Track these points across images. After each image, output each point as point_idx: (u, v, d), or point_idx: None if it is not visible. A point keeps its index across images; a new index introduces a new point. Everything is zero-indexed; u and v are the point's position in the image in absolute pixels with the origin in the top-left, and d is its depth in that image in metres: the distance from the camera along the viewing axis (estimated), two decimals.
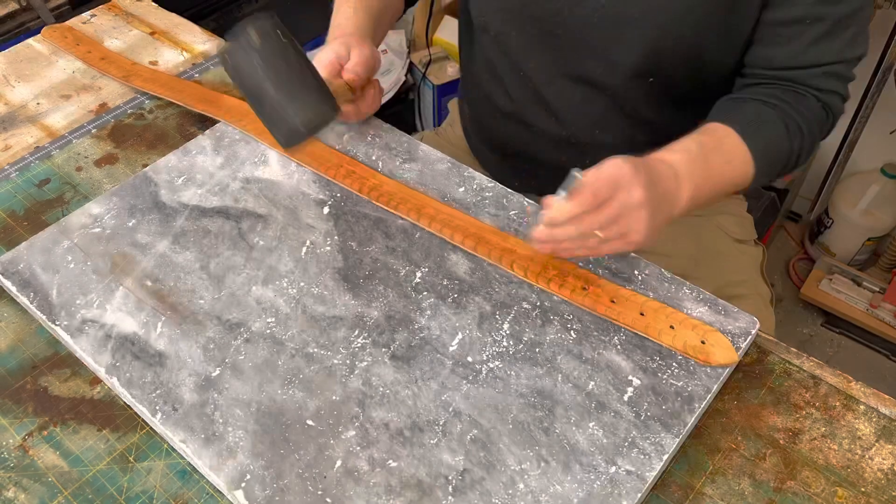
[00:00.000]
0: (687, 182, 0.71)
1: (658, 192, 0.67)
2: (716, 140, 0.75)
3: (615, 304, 0.68)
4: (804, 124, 0.78)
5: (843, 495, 0.59)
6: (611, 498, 0.57)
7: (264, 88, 0.64)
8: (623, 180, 0.64)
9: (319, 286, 0.71)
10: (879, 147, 1.78)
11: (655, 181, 0.67)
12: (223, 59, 0.64)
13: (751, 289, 0.94)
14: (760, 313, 0.91)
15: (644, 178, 0.65)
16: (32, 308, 0.70)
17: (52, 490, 0.60)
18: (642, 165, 0.66)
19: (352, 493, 0.57)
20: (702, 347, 0.65)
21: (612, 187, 0.64)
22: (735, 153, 0.75)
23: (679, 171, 0.71)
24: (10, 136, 0.91)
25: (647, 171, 0.66)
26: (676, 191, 0.70)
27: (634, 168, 0.64)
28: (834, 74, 0.78)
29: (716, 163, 0.74)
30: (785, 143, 0.77)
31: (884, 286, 1.78)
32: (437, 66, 1.96)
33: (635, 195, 0.64)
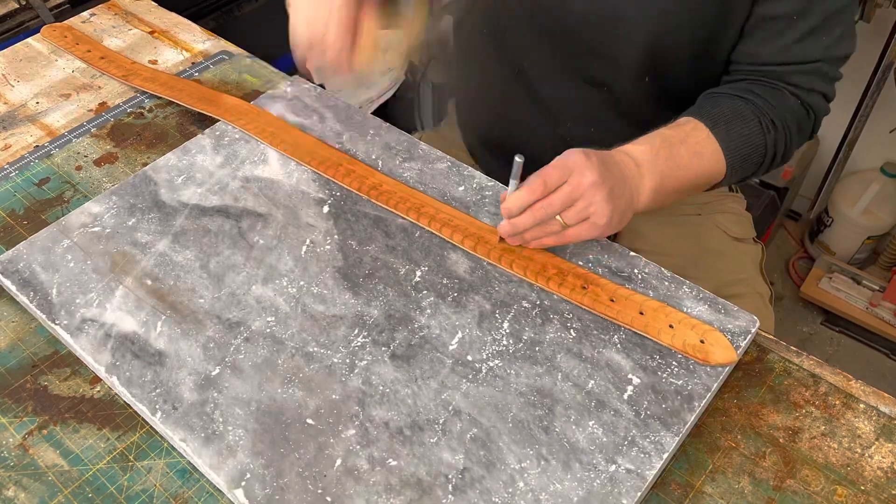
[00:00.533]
0: (649, 171, 0.72)
1: (614, 175, 0.68)
2: (682, 133, 0.75)
3: (614, 303, 0.68)
4: (778, 120, 0.78)
5: (842, 494, 0.59)
6: (611, 496, 0.57)
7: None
8: (574, 166, 0.66)
9: (319, 285, 0.71)
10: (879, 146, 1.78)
11: (610, 165, 0.68)
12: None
13: (749, 287, 0.94)
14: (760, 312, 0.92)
15: (596, 162, 0.67)
16: (32, 307, 0.70)
17: (52, 489, 0.60)
18: (595, 153, 0.68)
19: (352, 492, 0.57)
20: (701, 346, 0.65)
21: (562, 172, 0.66)
22: (704, 146, 0.75)
23: (639, 160, 0.72)
24: (9, 136, 0.91)
25: (599, 157, 0.68)
26: (638, 179, 0.72)
27: (585, 154, 0.67)
28: (818, 72, 0.78)
29: (682, 155, 0.74)
30: (758, 138, 0.77)
31: (883, 285, 1.79)
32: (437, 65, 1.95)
33: (588, 177, 0.66)
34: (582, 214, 0.67)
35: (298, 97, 0.91)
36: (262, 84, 0.97)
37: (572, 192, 0.66)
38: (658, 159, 0.73)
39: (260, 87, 0.97)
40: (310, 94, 0.92)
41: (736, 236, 0.99)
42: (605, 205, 0.67)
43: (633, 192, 0.71)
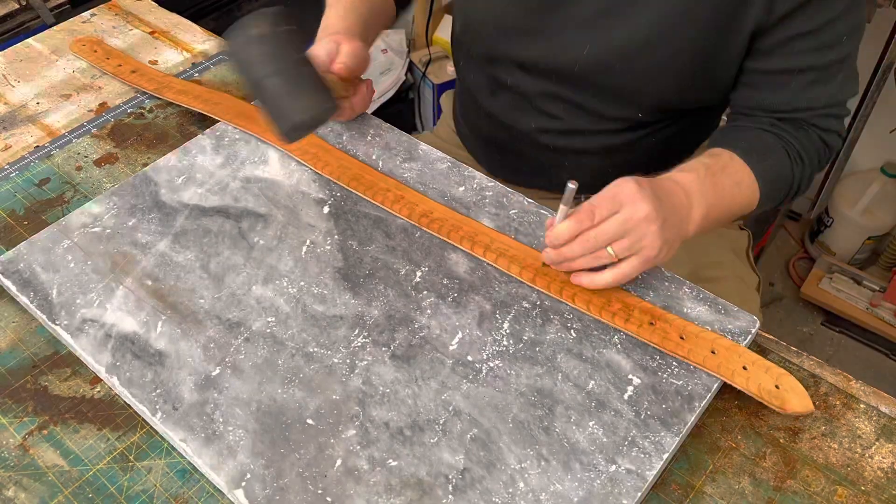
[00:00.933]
0: (698, 200, 0.71)
1: (666, 206, 0.67)
2: (722, 163, 0.75)
3: (684, 342, 0.65)
4: (804, 153, 0.79)
5: (842, 494, 0.59)
6: (611, 497, 0.57)
7: (264, 82, 0.64)
8: (626, 197, 0.64)
9: (319, 285, 0.71)
10: (879, 146, 1.78)
11: (662, 197, 0.67)
12: (227, 51, 0.65)
13: (728, 271, 0.94)
14: (742, 296, 0.92)
15: (649, 194, 0.65)
16: (32, 307, 0.70)
17: (52, 489, 0.60)
18: (646, 182, 0.66)
19: (352, 493, 0.57)
20: (777, 392, 0.62)
21: (613, 203, 0.64)
22: (742, 176, 0.76)
23: (689, 189, 0.71)
24: (10, 136, 0.91)
25: (652, 187, 0.66)
26: (688, 208, 0.70)
27: (638, 185, 0.65)
28: (829, 115, 0.80)
29: (725, 184, 0.74)
30: (787, 170, 0.78)
31: (884, 285, 1.78)
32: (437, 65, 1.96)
33: (641, 209, 0.64)
34: (634, 248, 0.65)
35: None
36: None
37: (624, 223, 0.64)
38: (705, 187, 0.72)
39: None
40: None
41: None
42: (657, 238, 0.65)
43: (684, 223, 0.70)
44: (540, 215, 0.76)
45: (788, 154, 0.78)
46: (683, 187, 0.71)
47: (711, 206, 0.72)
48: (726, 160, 0.76)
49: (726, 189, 0.74)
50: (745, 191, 0.76)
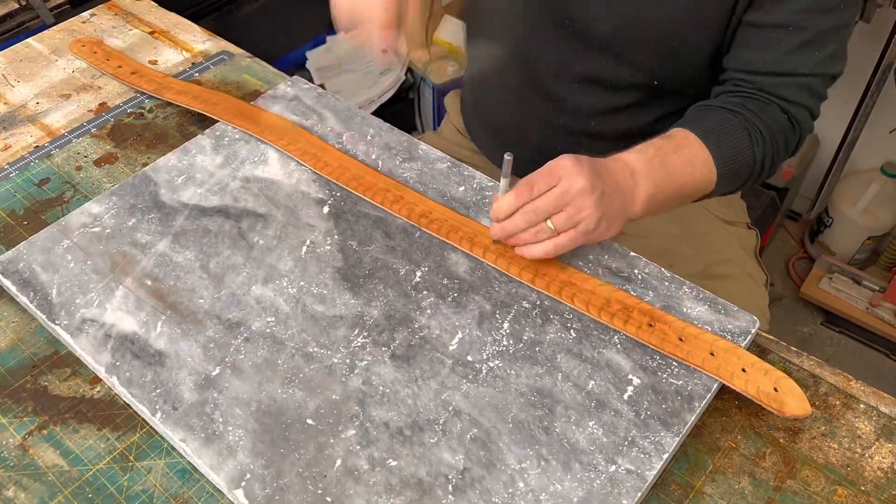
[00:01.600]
0: (644, 179, 0.72)
1: (606, 182, 0.68)
2: (675, 143, 0.76)
3: (683, 343, 0.65)
4: (766, 132, 0.78)
5: (842, 494, 0.59)
6: (611, 497, 0.57)
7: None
8: (563, 171, 0.67)
9: (319, 285, 0.71)
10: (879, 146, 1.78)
11: (601, 172, 0.69)
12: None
13: (739, 268, 0.94)
14: (751, 293, 0.92)
15: (587, 168, 0.67)
16: (32, 307, 0.70)
17: (52, 489, 0.60)
18: (587, 159, 0.68)
19: (352, 493, 0.57)
20: (775, 395, 0.62)
21: (550, 177, 0.67)
22: (696, 156, 0.75)
23: (635, 168, 0.72)
24: (9, 136, 0.91)
25: (591, 163, 0.68)
26: (633, 187, 0.72)
27: (576, 160, 0.67)
28: (806, 87, 0.79)
29: (676, 163, 0.74)
30: (747, 150, 0.78)
31: (884, 285, 1.79)
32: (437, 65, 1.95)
33: (577, 183, 0.66)
34: (572, 220, 0.67)
35: (298, 97, 0.91)
36: (262, 84, 0.97)
37: (561, 196, 0.66)
38: (653, 166, 0.73)
39: (260, 87, 0.97)
40: (310, 95, 0.92)
41: (725, 219, 0.99)
42: (595, 210, 0.67)
43: (627, 200, 0.71)
44: None
45: (749, 133, 0.77)
46: (629, 166, 0.72)
47: (659, 186, 0.73)
48: (681, 140, 0.76)
49: (677, 169, 0.74)
50: (699, 170, 0.76)
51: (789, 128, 0.80)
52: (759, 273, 0.97)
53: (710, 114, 0.79)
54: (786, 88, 0.79)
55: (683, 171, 0.75)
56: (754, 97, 0.79)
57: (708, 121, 0.78)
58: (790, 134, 0.81)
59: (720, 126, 0.77)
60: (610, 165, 0.71)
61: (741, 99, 0.79)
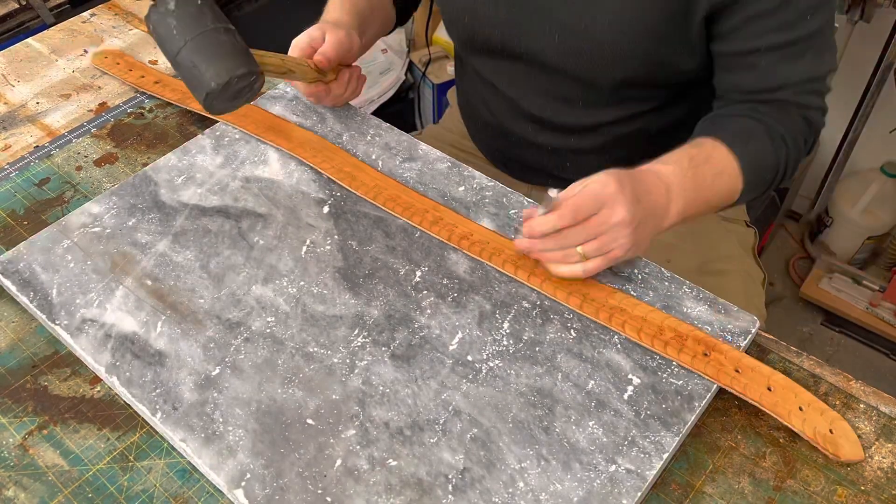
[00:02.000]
0: (677, 195, 0.71)
1: (644, 207, 0.67)
2: (705, 153, 0.75)
3: (740, 375, 0.63)
4: (788, 136, 0.78)
5: (842, 494, 0.59)
6: (611, 497, 0.57)
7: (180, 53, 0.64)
8: (607, 198, 0.64)
9: (319, 285, 0.71)
10: (879, 146, 1.78)
11: (641, 196, 0.67)
12: (148, 26, 0.65)
13: (737, 265, 0.94)
14: (748, 291, 0.92)
15: (629, 196, 0.65)
16: (32, 307, 0.70)
17: (52, 489, 0.60)
18: (629, 181, 0.66)
19: (352, 492, 0.57)
20: (830, 437, 0.61)
21: (594, 204, 0.65)
22: (724, 165, 0.75)
23: (670, 184, 0.71)
24: (9, 136, 0.91)
25: (633, 186, 0.66)
26: (666, 204, 0.71)
27: (619, 185, 0.65)
28: (809, 91, 0.79)
29: (706, 175, 0.74)
30: (771, 156, 0.77)
31: (884, 285, 1.78)
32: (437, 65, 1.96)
33: (618, 213, 0.64)
34: (603, 249, 0.66)
35: (298, 97, 0.91)
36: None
37: (599, 227, 0.65)
38: (686, 181, 0.72)
39: None
40: None
41: (725, 217, 0.99)
42: (628, 241, 0.66)
43: (659, 219, 0.71)
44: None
45: (772, 138, 0.77)
46: (665, 182, 0.71)
47: (690, 200, 0.73)
48: (709, 149, 0.76)
49: (707, 180, 0.74)
50: (727, 181, 0.76)
51: (806, 129, 0.80)
52: (757, 271, 0.97)
53: (730, 121, 0.79)
54: (792, 96, 0.79)
55: (713, 182, 0.74)
56: (772, 103, 0.79)
57: (733, 129, 0.78)
58: (807, 134, 0.81)
59: (745, 132, 0.77)
60: (648, 184, 0.69)
61: (758, 105, 0.79)
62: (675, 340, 0.65)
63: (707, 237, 0.96)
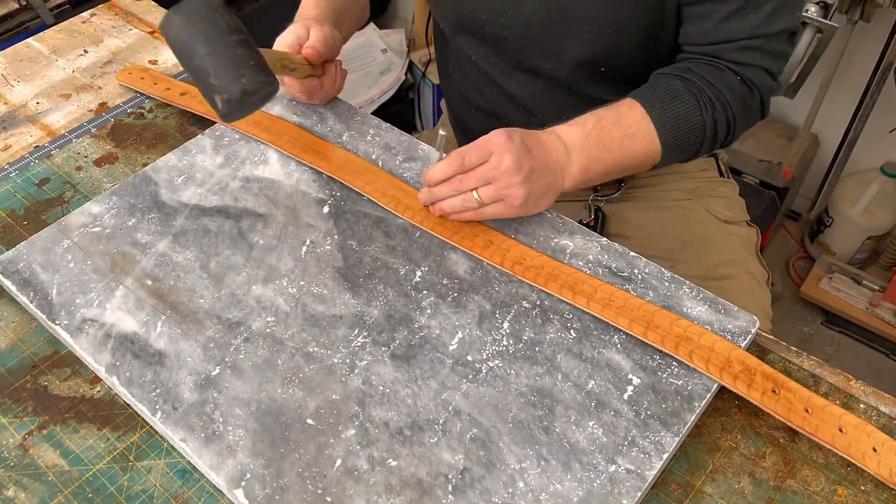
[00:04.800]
0: (578, 154, 0.75)
1: (536, 158, 0.71)
2: (616, 114, 0.77)
3: (811, 416, 0.61)
4: (716, 97, 0.78)
5: (842, 494, 0.59)
6: (611, 497, 0.57)
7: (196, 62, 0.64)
8: (495, 147, 0.69)
9: (319, 285, 0.71)
10: (879, 146, 1.78)
11: (532, 149, 0.71)
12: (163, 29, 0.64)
13: (741, 268, 0.94)
14: (753, 293, 0.92)
15: (517, 146, 0.69)
16: (32, 307, 0.70)
17: (52, 489, 0.60)
18: (519, 135, 0.71)
19: (352, 492, 0.57)
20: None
21: (482, 152, 0.70)
22: (637, 127, 0.77)
23: (569, 143, 0.75)
24: (9, 136, 0.91)
25: (523, 139, 0.71)
26: (565, 162, 0.74)
27: (508, 136, 0.70)
28: (753, 48, 0.79)
29: (614, 137, 0.76)
30: (696, 117, 0.78)
31: (884, 285, 1.78)
32: None
33: (505, 160, 0.69)
34: (497, 194, 0.70)
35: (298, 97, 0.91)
36: None
37: (488, 172, 0.70)
38: (588, 141, 0.75)
39: None
40: None
41: (725, 219, 0.99)
42: (520, 188, 0.70)
43: (558, 175, 0.74)
44: (540, 215, 0.76)
45: (698, 101, 0.78)
46: (563, 140, 0.75)
47: (594, 159, 0.75)
48: (624, 111, 0.77)
49: (614, 142, 0.76)
50: (639, 142, 0.77)
51: (745, 90, 0.80)
52: (761, 271, 0.97)
53: (659, 81, 0.80)
54: (732, 53, 0.79)
55: (622, 144, 0.76)
56: (707, 63, 0.80)
57: (655, 90, 0.79)
58: (746, 96, 0.81)
59: (666, 94, 0.78)
60: (543, 140, 0.73)
61: (692, 64, 0.80)
62: (744, 374, 0.63)
63: (710, 242, 0.96)
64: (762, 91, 0.82)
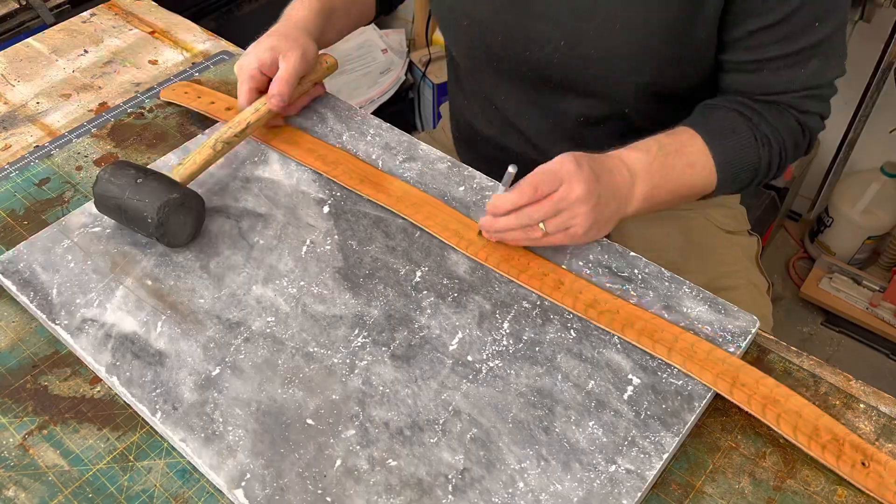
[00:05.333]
0: (642, 180, 0.73)
1: (604, 186, 0.69)
2: (679, 143, 0.76)
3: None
4: (774, 137, 0.78)
5: (842, 494, 0.59)
6: (611, 497, 0.57)
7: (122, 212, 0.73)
8: (565, 175, 0.67)
9: (319, 285, 0.71)
10: (879, 146, 1.78)
11: (600, 176, 0.69)
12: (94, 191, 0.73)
13: (743, 278, 0.94)
14: (756, 302, 0.92)
15: (586, 174, 0.67)
16: (32, 307, 0.70)
17: (52, 489, 0.60)
18: (587, 161, 0.69)
19: (352, 493, 0.57)
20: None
21: (553, 181, 0.67)
22: (697, 158, 0.76)
23: (634, 168, 0.73)
24: (9, 136, 0.91)
25: (591, 166, 0.69)
26: (630, 187, 0.73)
27: (577, 164, 0.67)
28: (810, 97, 0.79)
29: (676, 165, 0.75)
30: (752, 154, 0.77)
31: (884, 285, 1.78)
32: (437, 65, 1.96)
33: (576, 190, 0.67)
34: (564, 225, 0.69)
35: None
36: None
37: (558, 203, 0.67)
38: (652, 168, 0.73)
39: None
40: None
41: (728, 229, 0.99)
42: (587, 218, 0.68)
43: (622, 202, 0.72)
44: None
45: (755, 136, 0.77)
46: (629, 166, 0.73)
47: (657, 186, 0.74)
48: (685, 140, 0.76)
49: (676, 170, 0.75)
50: (699, 172, 0.76)
51: (799, 131, 0.80)
52: (762, 281, 0.97)
53: (716, 114, 0.79)
54: (792, 101, 0.79)
55: (682, 173, 0.75)
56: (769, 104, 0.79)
57: (715, 122, 0.78)
58: (799, 136, 0.81)
59: (727, 128, 0.77)
60: (610, 165, 0.71)
61: (755, 103, 0.79)
62: (833, 444, 0.60)
63: (713, 253, 0.96)
64: (813, 133, 0.82)
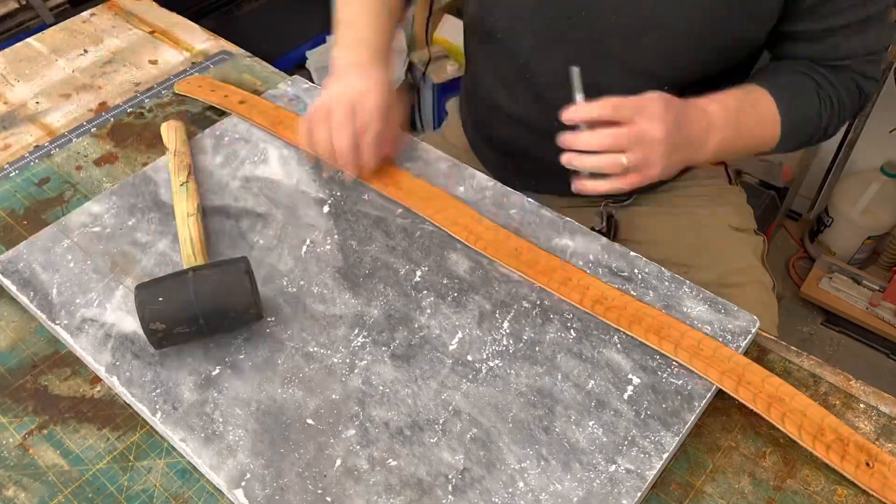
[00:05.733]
0: (717, 133, 0.75)
1: (682, 133, 0.70)
2: (753, 100, 0.78)
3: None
4: (836, 99, 0.81)
5: (842, 494, 0.59)
6: (610, 497, 0.57)
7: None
8: (650, 111, 0.68)
9: (319, 285, 0.71)
10: (879, 146, 1.78)
11: (682, 122, 0.70)
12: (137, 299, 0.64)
13: (751, 276, 0.94)
14: (763, 300, 0.92)
15: (671, 117, 0.68)
16: (32, 307, 0.70)
17: (52, 489, 0.60)
18: (674, 105, 0.70)
19: (352, 492, 0.57)
20: None
21: (636, 110, 0.68)
22: (767, 116, 0.78)
23: (712, 121, 0.74)
24: (9, 136, 0.91)
25: (676, 111, 0.70)
26: (704, 138, 0.74)
27: (665, 105, 0.68)
28: (870, 62, 0.82)
29: (749, 121, 0.77)
30: (815, 116, 0.81)
31: (883, 285, 1.79)
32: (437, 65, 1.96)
33: (656, 129, 0.68)
34: (641, 162, 0.69)
35: (299, 97, 0.91)
36: (262, 84, 0.97)
37: (638, 135, 0.68)
38: (728, 122, 0.75)
39: (260, 86, 0.97)
40: (310, 94, 0.92)
41: (736, 227, 0.99)
42: (660, 162, 0.69)
43: (694, 151, 0.74)
44: (540, 216, 0.76)
45: (819, 97, 0.80)
46: (708, 118, 0.74)
47: (728, 140, 0.75)
48: (758, 97, 0.78)
49: (747, 126, 0.77)
50: (766, 131, 0.79)
51: (857, 93, 0.83)
52: (769, 280, 0.97)
53: (784, 75, 0.81)
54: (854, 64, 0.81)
55: (752, 130, 0.78)
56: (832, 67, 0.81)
57: (783, 81, 0.80)
58: (856, 100, 0.83)
59: (794, 89, 0.80)
60: (691, 116, 0.73)
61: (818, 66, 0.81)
62: (837, 444, 0.60)
63: (722, 250, 0.96)
64: (868, 96, 0.85)
